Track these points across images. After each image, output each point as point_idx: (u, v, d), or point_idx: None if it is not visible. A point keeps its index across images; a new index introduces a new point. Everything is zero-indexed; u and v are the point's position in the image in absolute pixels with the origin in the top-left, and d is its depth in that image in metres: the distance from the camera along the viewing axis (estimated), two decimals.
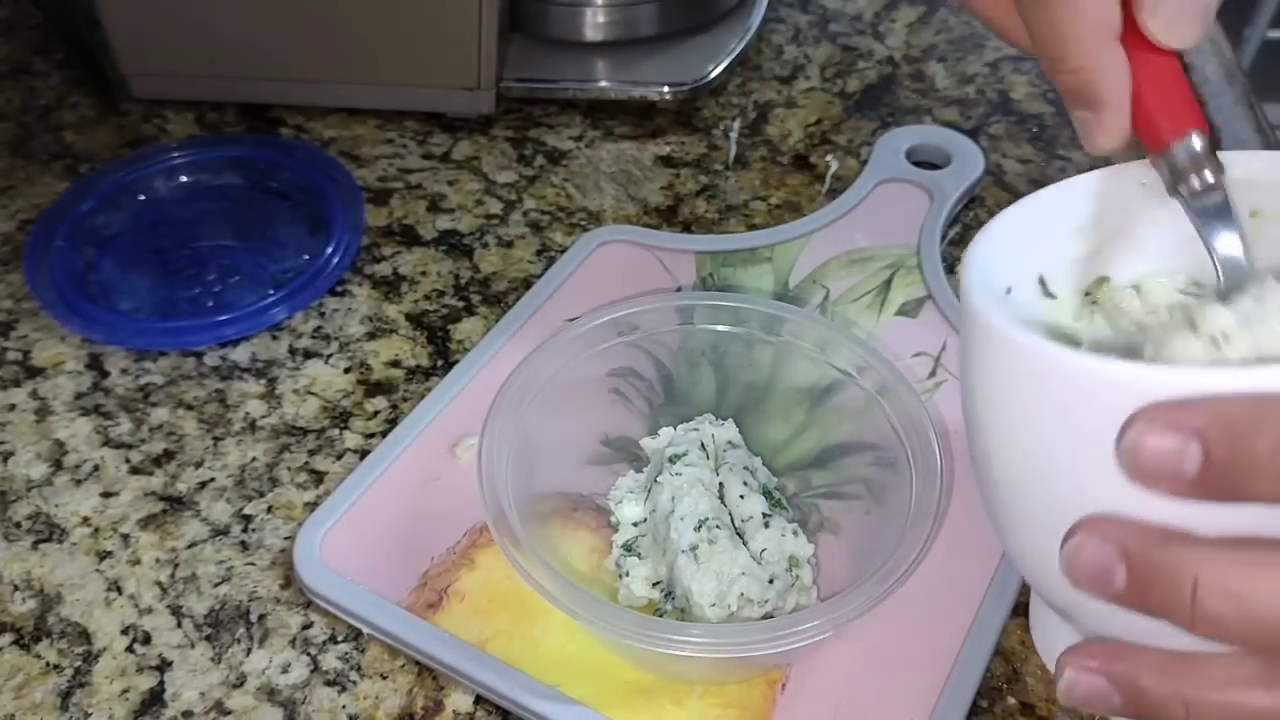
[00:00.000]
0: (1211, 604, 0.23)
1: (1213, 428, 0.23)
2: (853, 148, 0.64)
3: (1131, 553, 0.24)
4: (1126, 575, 0.25)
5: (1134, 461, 0.24)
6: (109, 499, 0.47)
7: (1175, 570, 0.24)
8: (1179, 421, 0.23)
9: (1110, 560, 0.25)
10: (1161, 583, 0.24)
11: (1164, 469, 0.24)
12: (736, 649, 0.36)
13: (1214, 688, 0.24)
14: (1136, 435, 0.24)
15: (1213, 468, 0.23)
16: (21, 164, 0.62)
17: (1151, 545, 0.24)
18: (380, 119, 0.65)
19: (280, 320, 0.54)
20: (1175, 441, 0.23)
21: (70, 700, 0.41)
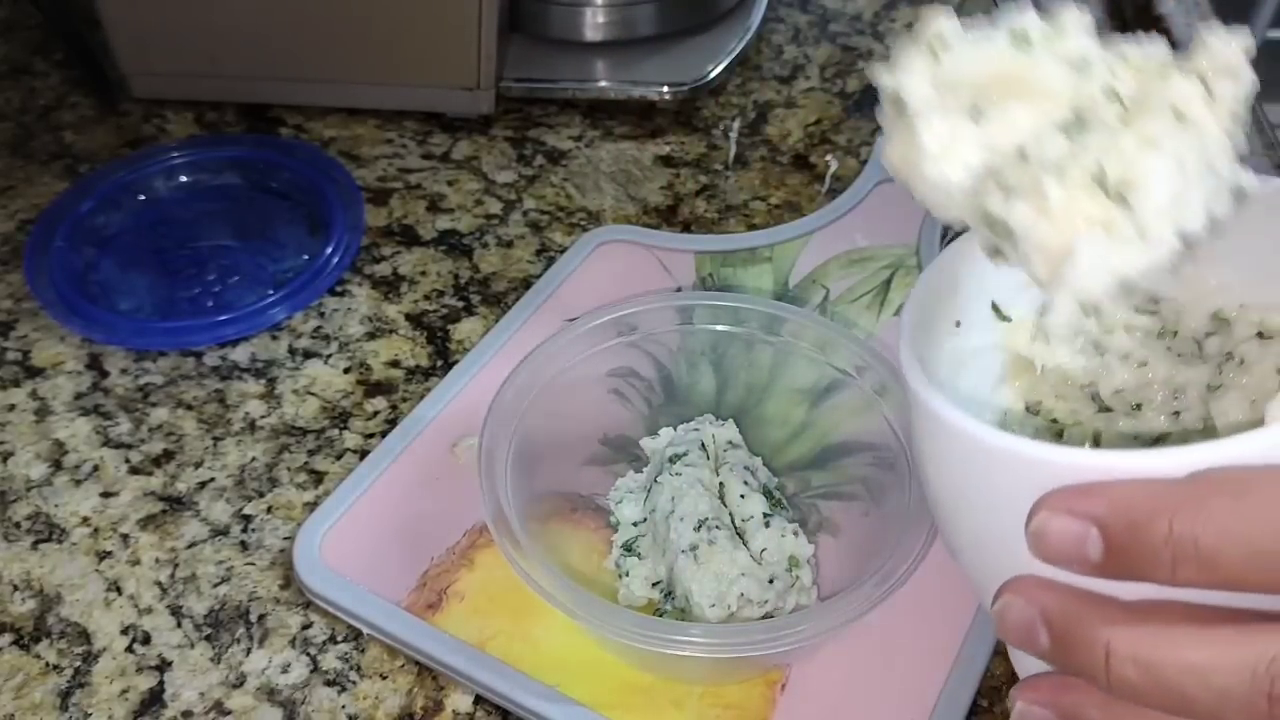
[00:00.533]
0: (1123, 671, 0.24)
1: (1112, 515, 0.24)
2: (852, 147, 0.64)
3: (1050, 615, 0.26)
4: (1048, 637, 0.26)
5: (1040, 545, 0.25)
6: (109, 499, 0.47)
7: (1090, 638, 0.25)
8: (1081, 509, 0.24)
9: (1033, 622, 0.26)
10: (1079, 648, 0.25)
11: (1068, 553, 0.25)
12: (736, 649, 0.36)
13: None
14: (1042, 521, 0.25)
15: (1113, 554, 0.24)
16: (21, 164, 0.62)
17: (1069, 611, 0.25)
18: (380, 119, 0.65)
19: (280, 320, 0.54)
20: (1077, 528, 0.24)
21: (70, 700, 0.41)
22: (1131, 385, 0.34)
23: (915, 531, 0.38)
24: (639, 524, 0.43)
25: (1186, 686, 0.23)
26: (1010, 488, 0.26)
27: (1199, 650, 0.24)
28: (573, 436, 0.46)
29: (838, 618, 0.36)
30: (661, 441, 0.45)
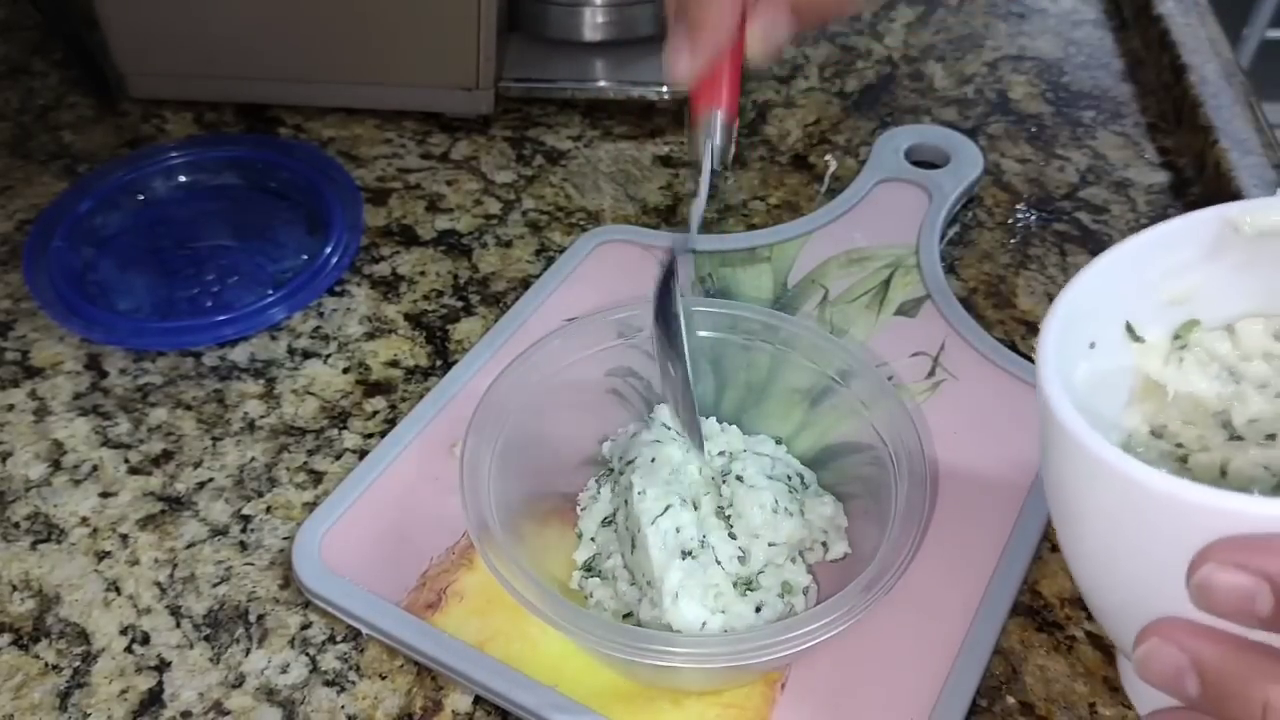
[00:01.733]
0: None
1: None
2: (851, 147, 0.64)
3: (1204, 665, 0.25)
4: (1199, 685, 0.25)
5: (1206, 598, 0.25)
6: (107, 499, 0.47)
7: (1247, 690, 0.24)
8: (1251, 563, 0.24)
9: (1183, 669, 0.26)
10: (1233, 699, 0.25)
11: (1235, 608, 0.24)
12: (724, 659, 0.36)
13: None
14: (1208, 573, 0.24)
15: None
16: (20, 164, 0.62)
17: (1224, 659, 0.25)
18: (379, 119, 0.65)
19: (279, 320, 0.54)
20: (1247, 583, 0.24)
21: (69, 700, 0.41)
22: (1268, 415, 0.33)
23: (903, 534, 0.38)
24: (597, 536, 0.43)
25: None
26: (1171, 532, 0.26)
27: None
28: (572, 437, 0.46)
29: (823, 626, 0.36)
30: (620, 446, 0.45)
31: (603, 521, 0.43)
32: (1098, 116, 0.65)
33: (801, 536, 0.42)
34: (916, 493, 0.39)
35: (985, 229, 0.59)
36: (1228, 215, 0.34)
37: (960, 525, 0.43)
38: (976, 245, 0.58)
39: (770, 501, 0.41)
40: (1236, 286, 0.35)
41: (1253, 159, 0.58)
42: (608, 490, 0.44)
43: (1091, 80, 0.68)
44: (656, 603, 0.39)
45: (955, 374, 0.50)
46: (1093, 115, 0.66)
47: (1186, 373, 0.34)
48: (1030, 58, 0.70)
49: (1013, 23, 0.73)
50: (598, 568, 0.43)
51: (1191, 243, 0.34)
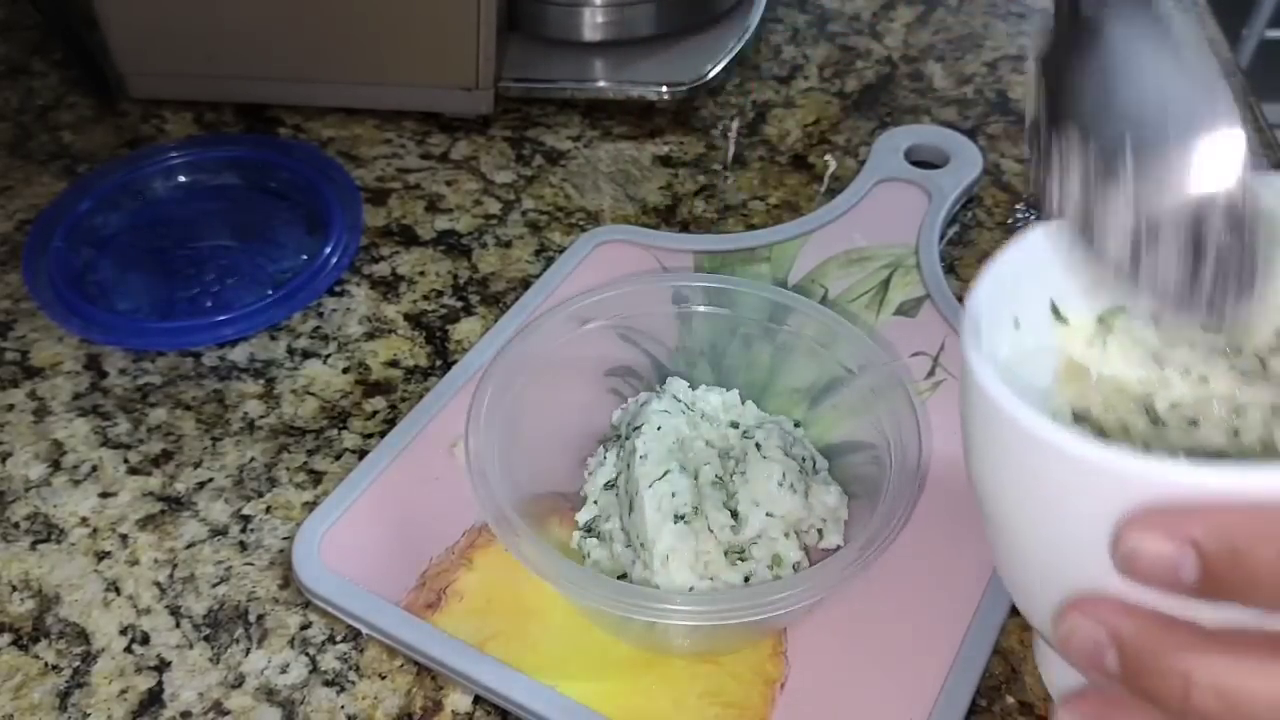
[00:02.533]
0: (1203, 701, 0.23)
1: (1211, 539, 0.23)
2: (851, 147, 0.64)
3: (1124, 641, 0.25)
4: (1119, 661, 0.25)
5: (1130, 565, 0.24)
6: (107, 499, 0.47)
7: (1168, 665, 0.24)
8: (1177, 530, 0.23)
9: (1103, 645, 0.25)
10: (1154, 675, 0.24)
11: (1160, 576, 0.24)
12: (716, 616, 0.37)
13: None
14: (1134, 541, 0.24)
15: (1210, 578, 0.23)
16: (19, 164, 0.62)
17: (1143, 632, 0.25)
18: (378, 119, 0.65)
19: (279, 320, 0.54)
20: (1172, 550, 0.23)
21: (69, 701, 0.41)
22: (1189, 400, 0.33)
23: (891, 511, 0.38)
24: (600, 499, 0.43)
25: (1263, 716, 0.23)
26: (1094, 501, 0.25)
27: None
28: (571, 437, 0.46)
29: (817, 586, 0.37)
30: (629, 413, 0.45)
31: (605, 485, 0.44)
32: None
33: (800, 516, 0.42)
34: (908, 474, 0.40)
35: (985, 229, 0.59)
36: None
37: (959, 525, 0.43)
38: (976, 245, 0.58)
39: (779, 475, 0.42)
40: None
41: (1252, 159, 0.58)
42: (614, 455, 0.44)
43: None
44: (648, 564, 0.40)
45: (955, 374, 0.50)
46: None
47: (1110, 356, 0.34)
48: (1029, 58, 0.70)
49: (1012, 22, 0.73)
50: (597, 529, 0.43)
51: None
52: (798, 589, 0.37)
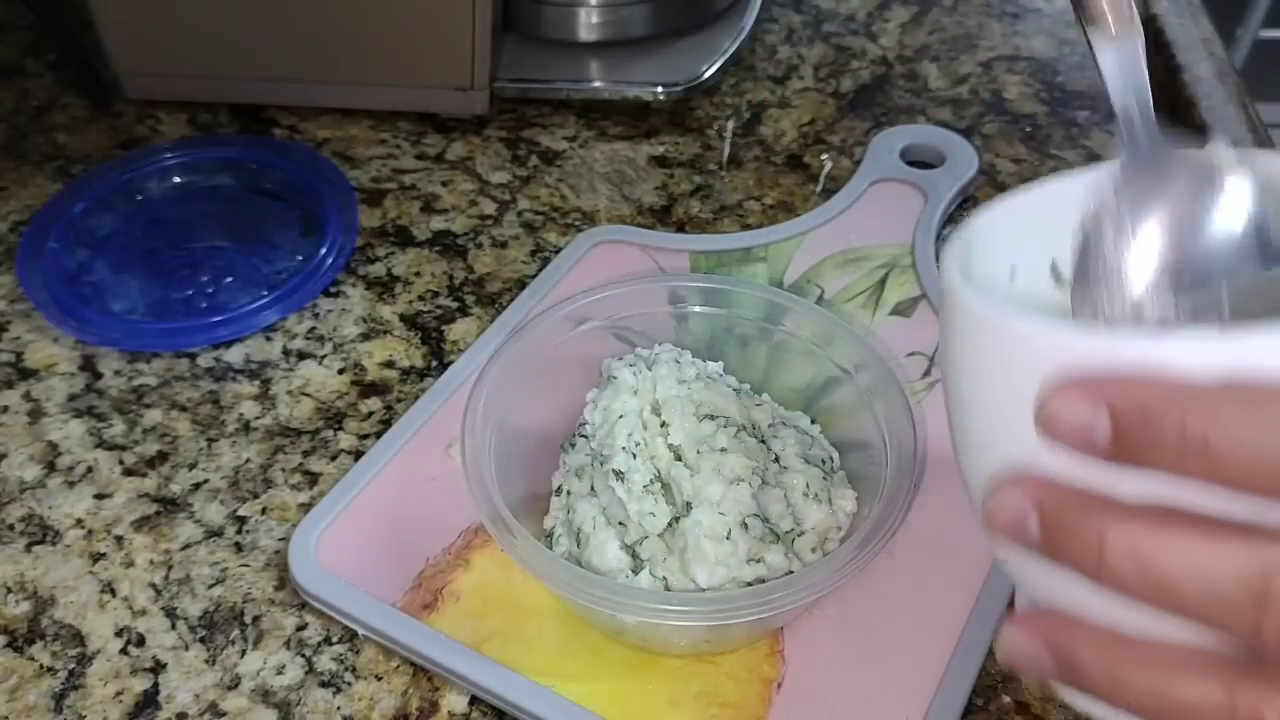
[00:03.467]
0: (1117, 563, 0.25)
1: (1124, 401, 0.25)
2: (846, 147, 0.64)
3: (1045, 507, 0.26)
4: (1039, 526, 0.26)
5: (1050, 427, 0.26)
6: (102, 501, 0.47)
7: (1085, 527, 0.25)
8: (1093, 394, 0.25)
9: (1025, 513, 0.26)
10: (1072, 537, 0.26)
11: (1077, 434, 0.25)
12: (713, 616, 0.37)
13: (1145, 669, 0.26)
14: (1053, 404, 0.25)
15: (1121, 437, 0.25)
16: (14, 165, 0.62)
17: (1063, 499, 0.26)
18: (374, 119, 0.65)
19: (274, 321, 0.54)
20: (1088, 409, 0.25)
21: (64, 703, 0.41)
22: None
23: (892, 502, 0.38)
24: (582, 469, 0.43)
25: (1180, 583, 0.24)
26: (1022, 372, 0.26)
27: (1199, 550, 0.24)
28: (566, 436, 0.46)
29: (819, 582, 0.37)
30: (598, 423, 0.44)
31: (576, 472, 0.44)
32: (1092, 116, 0.66)
33: (828, 525, 0.42)
34: (903, 474, 0.40)
35: None
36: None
37: (955, 525, 0.43)
38: None
39: (803, 486, 0.42)
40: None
41: None
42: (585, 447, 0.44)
43: (1086, 80, 0.68)
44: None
45: None
46: (1087, 115, 0.66)
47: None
48: (1025, 57, 0.70)
49: (1007, 23, 0.73)
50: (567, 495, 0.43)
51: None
52: (794, 589, 0.37)
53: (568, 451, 0.44)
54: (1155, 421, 0.24)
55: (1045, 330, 0.26)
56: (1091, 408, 0.25)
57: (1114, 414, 0.25)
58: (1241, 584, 0.23)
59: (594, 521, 0.41)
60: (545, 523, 0.43)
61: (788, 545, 0.40)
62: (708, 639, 0.40)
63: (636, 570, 0.40)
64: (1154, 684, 0.26)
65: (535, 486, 0.44)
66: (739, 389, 0.46)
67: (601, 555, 0.40)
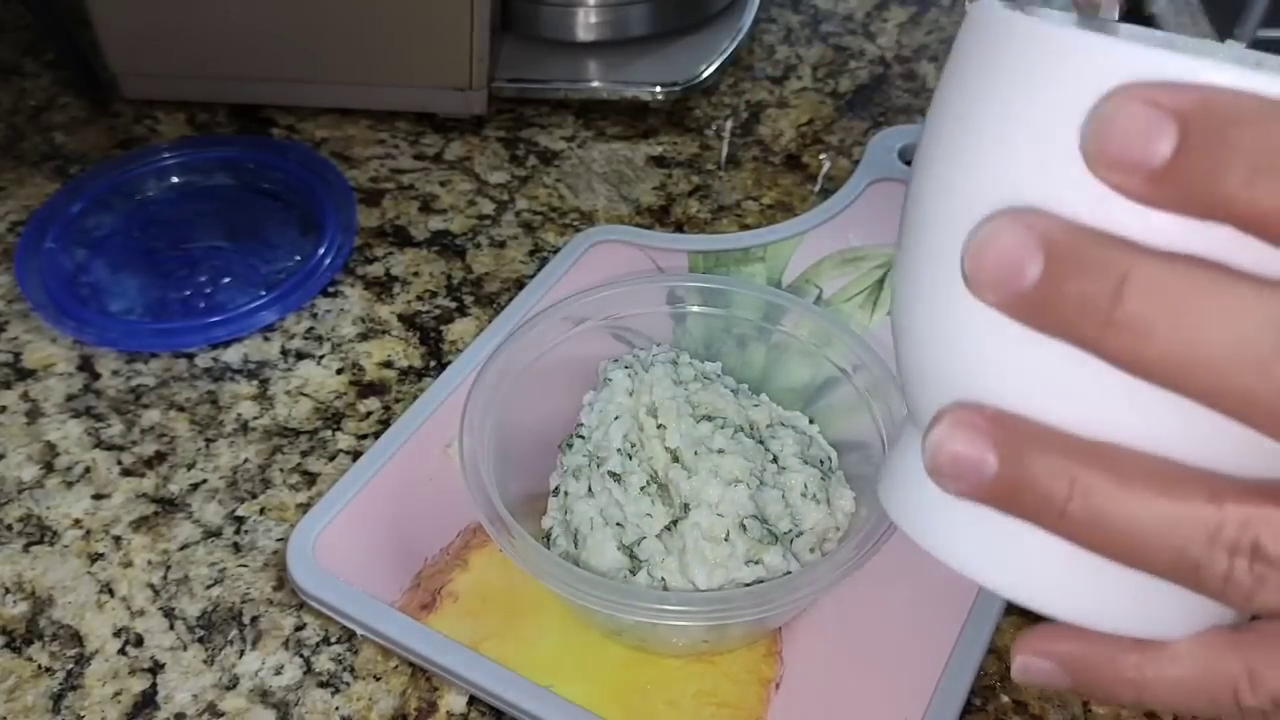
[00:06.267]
0: (1135, 303, 0.20)
1: (1197, 111, 0.20)
2: (845, 147, 0.64)
3: (1054, 239, 0.21)
4: (1043, 266, 0.21)
5: (1100, 134, 0.20)
6: (100, 501, 0.47)
7: (1104, 262, 0.20)
8: (1162, 99, 0.20)
9: (1027, 246, 0.21)
10: (1083, 275, 0.20)
11: (1132, 149, 0.20)
12: (711, 616, 0.37)
13: (1114, 474, 0.22)
14: (1113, 105, 0.20)
15: (1184, 156, 0.20)
16: (11, 165, 0.62)
17: (1077, 233, 0.21)
18: (372, 119, 0.65)
19: (272, 321, 0.54)
20: (1153, 116, 0.20)
21: (62, 703, 0.41)
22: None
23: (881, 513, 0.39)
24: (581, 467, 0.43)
25: (1203, 327, 0.20)
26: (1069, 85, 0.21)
27: (1231, 290, 0.20)
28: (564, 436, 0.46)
29: (818, 582, 0.37)
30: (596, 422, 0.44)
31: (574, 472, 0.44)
32: None
33: (827, 526, 0.42)
34: None
35: None
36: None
37: None
38: None
39: (801, 486, 0.42)
40: None
41: None
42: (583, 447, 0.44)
43: None
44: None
45: None
46: None
47: None
48: None
49: None
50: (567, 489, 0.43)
51: None
52: (793, 589, 0.37)
53: (565, 452, 0.44)
54: (1231, 132, 0.19)
55: (1118, 42, 0.21)
56: (1157, 114, 0.20)
57: (1184, 123, 0.20)
58: (1277, 335, 0.20)
59: (591, 522, 0.41)
60: (543, 523, 0.43)
61: (786, 546, 0.40)
62: (706, 639, 0.40)
63: (634, 571, 0.40)
64: (1121, 492, 0.21)
65: (533, 486, 0.44)
66: (737, 389, 0.46)
67: (599, 556, 0.40)
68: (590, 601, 0.37)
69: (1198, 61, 0.21)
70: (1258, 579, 0.21)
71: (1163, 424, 0.22)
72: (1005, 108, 0.23)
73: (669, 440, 0.42)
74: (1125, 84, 0.21)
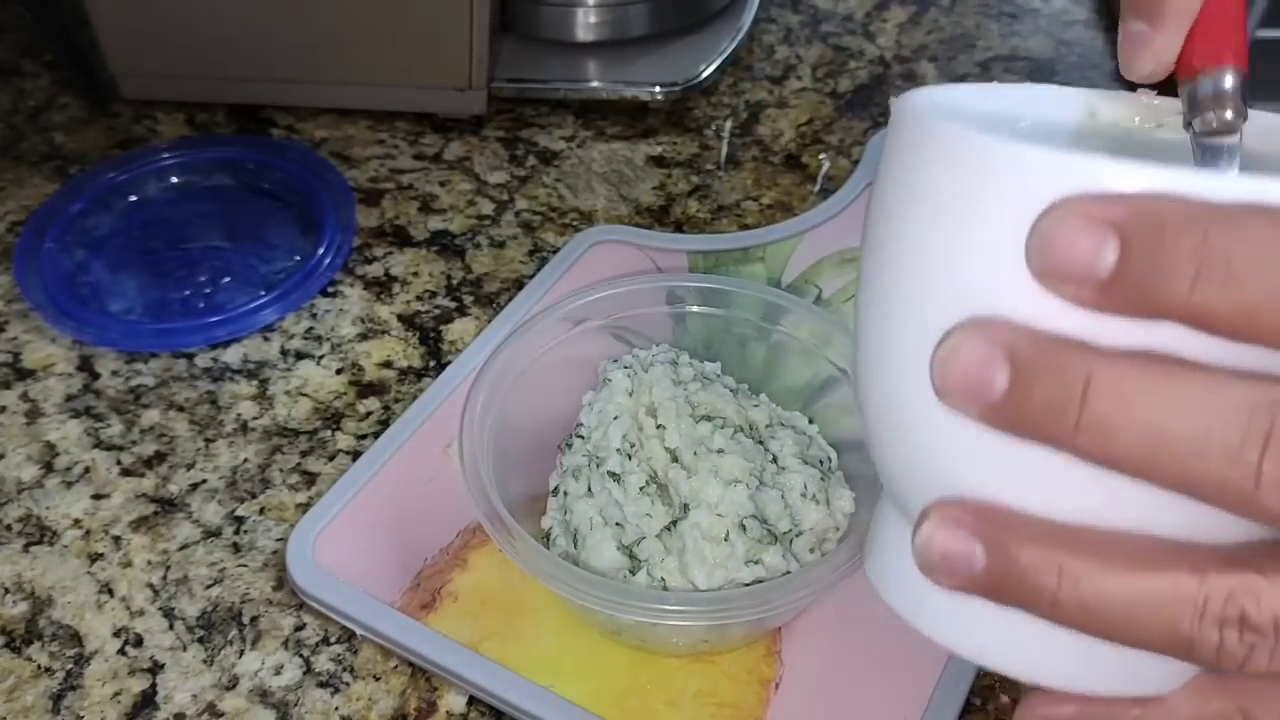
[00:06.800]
0: (1099, 404, 0.21)
1: (1136, 222, 0.20)
2: (844, 147, 0.64)
3: (1018, 350, 0.21)
4: (1009, 377, 0.21)
5: (1044, 251, 0.21)
6: (100, 501, 0.47)
7: (1066, 369, 0.21)
8: (1101, 213, 0.21)
9: (993, 359, 0.22)
10: (1048, 376, 0.21)
11: (1076, 263, 0.21)
12: (711, 617, 0.37)
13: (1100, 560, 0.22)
14: (1052, 222, 0.21)
15: (1128, 266, 0.20)
16: (11, 165, 0.62)
17: (1043, 344, 0.21)
18: (371, 119, 0.65)
19: (272, 321, 0.54)
20: (1093, 232, 0.21)
21: (62, 703, 0.41)
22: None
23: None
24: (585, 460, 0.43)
25: (1168, 421, 0.20)
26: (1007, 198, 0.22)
27: (1194, 389, 0.21)
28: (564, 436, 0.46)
29: (818, 582, 0.37)
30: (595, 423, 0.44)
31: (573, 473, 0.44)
32: None
33: (826, 527, 0.42)
34: None
35: None
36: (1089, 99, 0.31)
37: None
38: None
39: (800, 487, 0.42)
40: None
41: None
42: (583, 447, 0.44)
43: (1083, 80, 0.68)
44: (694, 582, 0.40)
45: None
46: None
47: None
48: (1022, 58, 0.70)
49: (1004, 23, 0.73)
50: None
51: (1099, 115, 0.32)
52: (792, 589, 0.37)
53: (565, 452, 0.44)
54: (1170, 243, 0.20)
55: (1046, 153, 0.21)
56: (1096, 229, 0.20)
57: (1123, 234, 0.20)
58: (1243, 419, 0.20)
59: (591, 522, 0.41)
60: (543, 523, 0.43)
61: (786, 546, 0.40)
62: (706, 639, 0.40)
63: (634, 571, 0.40)
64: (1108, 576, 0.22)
65: (533, 487, 0.44)
66: (736, 389, 0.46)
67: (599, 556, 0.40)
68: (590, 601, 0.37)
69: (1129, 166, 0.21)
70: (1249, 647, 0.21)
71: (1141, 507, 0.22)
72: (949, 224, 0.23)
73: (668, 440, 0.42)
74: (1061, 199, 0.21)
